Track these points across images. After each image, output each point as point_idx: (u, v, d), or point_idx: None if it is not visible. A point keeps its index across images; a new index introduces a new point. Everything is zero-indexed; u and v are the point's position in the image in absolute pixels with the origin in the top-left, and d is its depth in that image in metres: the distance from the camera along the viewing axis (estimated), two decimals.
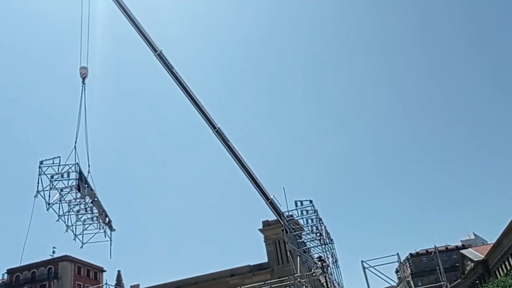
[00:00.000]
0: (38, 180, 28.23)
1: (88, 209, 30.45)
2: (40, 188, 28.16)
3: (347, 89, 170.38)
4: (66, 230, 29.70)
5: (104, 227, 31.22)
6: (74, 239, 30.25)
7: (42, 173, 28.31)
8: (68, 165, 28.39)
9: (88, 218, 30.75)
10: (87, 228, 30.69)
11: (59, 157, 28.44)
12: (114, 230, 31.99)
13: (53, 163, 28.56)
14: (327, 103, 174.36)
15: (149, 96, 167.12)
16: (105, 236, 31.29)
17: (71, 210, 29.85)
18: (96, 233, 31.00)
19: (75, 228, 30.28)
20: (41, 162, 28.57)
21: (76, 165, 28.60)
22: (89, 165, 30.20)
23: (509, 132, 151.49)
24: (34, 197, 27.88)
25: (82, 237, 30.74)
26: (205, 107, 34.13)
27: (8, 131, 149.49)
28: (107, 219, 31.21)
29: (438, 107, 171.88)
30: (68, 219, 29.81)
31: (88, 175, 29.94)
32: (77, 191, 28.52)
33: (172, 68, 33.64)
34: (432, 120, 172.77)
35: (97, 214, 30.55)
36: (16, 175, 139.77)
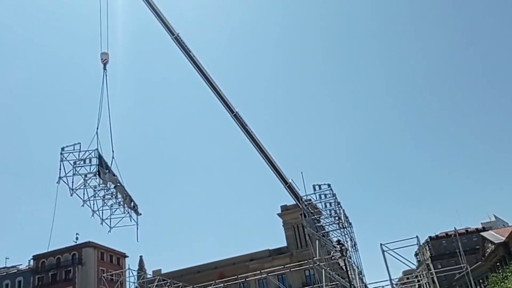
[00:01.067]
0: (60, 167, 28.65)
1: (113, 194, 30.80)
2: (62, 174, 28.52)
3: (366, 72, 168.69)
4: (92, 215, 29.94)
5: (130, 212, 31.67)
6: (101, 223, 30.56)
7: (64, 159, 28.67)
8: (88, 151, 28.65)
9: (114, 203, 31.13)
10: (114, 212, 31.07)
11: (80, 143, 28.69)
12: (140, 214, 32.45)
13: (73, 149, 28.82)
14: (347, 86, 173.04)
15: (170, 84, 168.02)
16: (131, 221, 31.79)
17: (96, 195, 30.17)
18: (122, 217, 31.35)
19: (102, 213, 30.66)
20: (62, 149, 28.84)
21: (96, 151, 28.86)
22: (113, 151, 30.47)
23: None
24: (57, 183, 28.26)
25: (110, 221, 31.07)
26: (222, 91, 34.19)
27: (32, 120, 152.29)
28: (132, 203, 31.65)
29: (463, 85, 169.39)
30: (93, 204, 30.03)
31: (112, 160, 30.20)
32: (98, 177, 28.77)
33: (190, 51, 33.59)
34: (454, 101, 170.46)
35: (121, 199, 30.93)
36: (40, 163, 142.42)
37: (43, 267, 78.39)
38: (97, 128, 29.61)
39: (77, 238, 79.52)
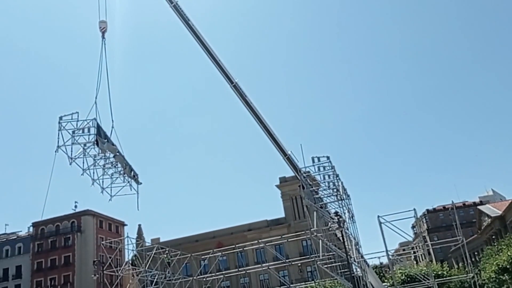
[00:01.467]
0: (58, 136, 28.45)
1: (114, 163, 30.69)
2: (61, 143, 28.33)
3: (367, 46, 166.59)
4: (92, 184, 29.79)
5: (130, 181, 31.67)
6: (102, 192, 30.46)
7: (63, 128, 28.46)
8: (86, 120, 28.42)
9: (114, 172, 31.04)
10: (114, 181, 31.01)
11: (77, 112, 28.40)
12: (141, 183, 32.42)
13: (71, 119, 28.57)
14: (347, 58, 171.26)
15: (170, 53, 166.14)
16: (131, 190, 31.82)
17: (96, 164, 30.03)
18: (123, 186, 31.36)
19: (102, 181, 30.58)
20: (61, 118, 28.57)
21: (94, 120, 28.60)
22: (112, 120, 30.23)
23: None
24: (55, 152, 28.11)
25: (111, 190, 31.01)
26: (222, 61, 34.05)
27: (31, 89, 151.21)
28: (132, 173, 31.61)
29: (453, 61, 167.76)
30: (93, 173, 29.85)
31: (111, 130, 30.04)
32: (96, 146, 28.56)
33: (189, 20, 33.32)
34: (448, 77, 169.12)
35: (122, 169, 30.84)
36: (39, 132, 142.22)
37: (43, 234, 79.23)
38: (96, 98, 29.38)
39: (76, 206, 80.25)
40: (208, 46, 33.75)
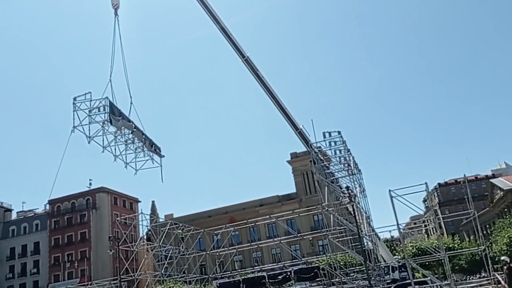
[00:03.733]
0: (74, 116, 28.75)
1: (131, 139, 31.13)
2: (77, 123, 28.63)
3: (376, 21, 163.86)
4: (115, 160, 30.19)
5: (152, 155, 32.17)
6: (126, 166, 31.03)
7: (78, 108, 28.75)
8: (99, 99, 28.68)
9: (138, 147, 31.51)
10: (137, 156, 31.52)
11: (90, 92, 28.68)
12: (163, 156, 33.13)
13: (85, 99, 28.84)
14: (359, 33, 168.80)
15: (181, 31, 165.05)
16: (153, 163, 32.40)
17: (118, 140, 30.35)
18: (146, 160, 31.95)
19: (125, 157, 31.04)
20: (75, 99, 28.86)
21: (106, 98, 28.82)
22: (130, 96, 30.77)
23: None
24: (71, 132, 28.42)
25: (135, 164, 31.58)
26: (233, 34, 34.18)
27: (52, 68, 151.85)
28: (153, 147, 32.07)
29: (464, 32, 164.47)
30: (115, 149, 30.35)
31: (130, 106, 30.55)
32: (110, 124, 28.82)
33: None
34: (461, 49, 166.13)
35: (141, 144, 31.32)
36: (59, 111, 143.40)
37: (59, 211, 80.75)
38: (110, 76, 29.70)
39: (90, 184, 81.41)
40: (218, 18, 33.99)
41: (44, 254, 78.70)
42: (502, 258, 21.82)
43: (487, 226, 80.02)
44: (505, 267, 20.13)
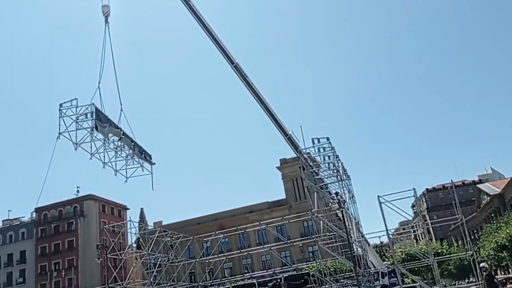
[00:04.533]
0: (60, 122, 28.40)
1: (120, 146, 30.73)
2: (63, 130, 28.24)
3: (367, 26, 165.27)
4: (104, 167, 29.65)
5: (141, 162, 31.76)
6: (115, 174, 30.54)
7: (64, 115, 28.41)
8: (85, 105, 28.35)
9: (128, 154, 31.09)
10: (128, 163, 31.08)
11: (76, 99, 28.28)
12: (154, 163, 32.65)
13: (71, 105, 28.51)
14: (348, 38, 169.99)
15: (171, 36, 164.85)
16: (143, 170, 31.92)
17: (107, 147, 29.84)
18: (137, 167, 31.52)
19: (115, 164, 30.66)
20: (61, 105, 28.45)
21: (93, 105, 28.51)
22: (121, 103, 30.41)
23: None
24: (57, 138, 28.03)
25: (126, 172, 31.09)
26: (222, 41, 34.08)
27: (40, 76, 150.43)
28: (143, 154, 31.68)
29: (452, 38, 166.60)
30: (104, 156, 29.81)
31: (120, 113, 30.15)
32: (96, 131, 28.47)
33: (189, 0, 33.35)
34: (448, 53, 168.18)
35: (131, 151, 30.91)
36: (45, 118, 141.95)
37: (46, 219, 79.76)
38: (99, 82, 29.43)
39: (78, 191, 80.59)
40: (209, 26, 33.82)
41: (30, 263, 77.58)
42: (482, 264, 21.87)
43: (475, 231, 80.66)
44: (484, 273, 20.22)
